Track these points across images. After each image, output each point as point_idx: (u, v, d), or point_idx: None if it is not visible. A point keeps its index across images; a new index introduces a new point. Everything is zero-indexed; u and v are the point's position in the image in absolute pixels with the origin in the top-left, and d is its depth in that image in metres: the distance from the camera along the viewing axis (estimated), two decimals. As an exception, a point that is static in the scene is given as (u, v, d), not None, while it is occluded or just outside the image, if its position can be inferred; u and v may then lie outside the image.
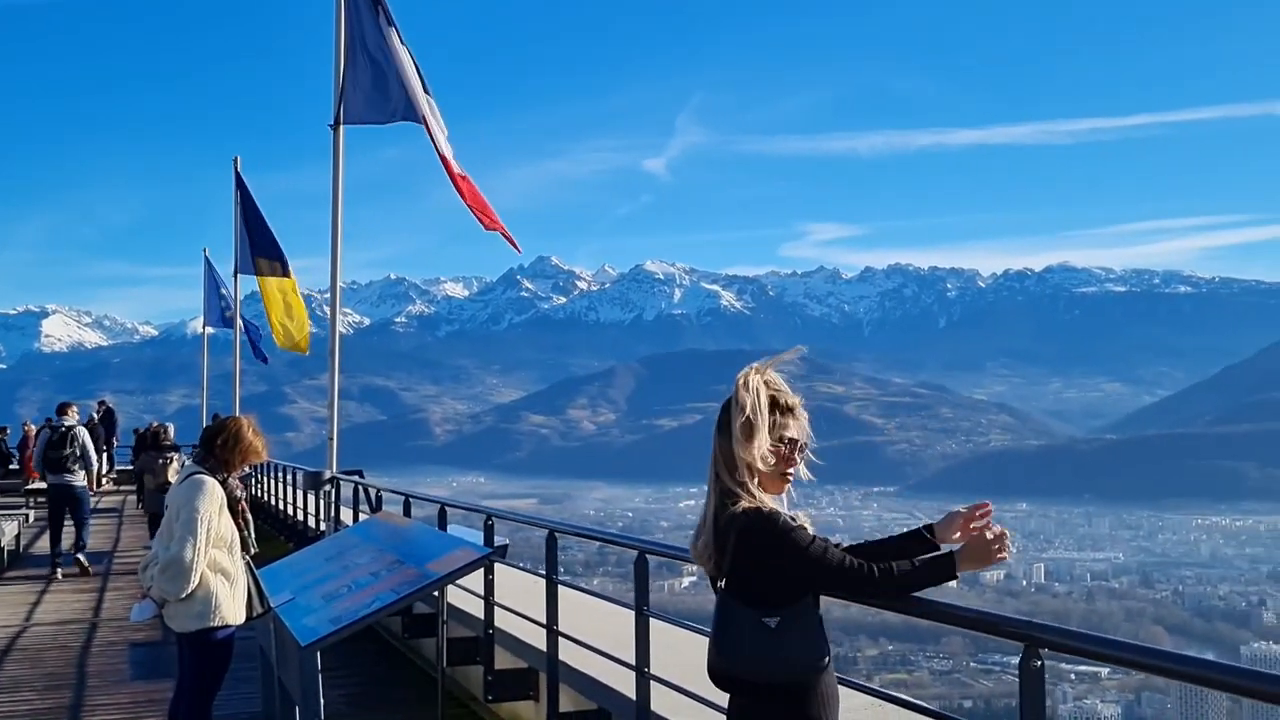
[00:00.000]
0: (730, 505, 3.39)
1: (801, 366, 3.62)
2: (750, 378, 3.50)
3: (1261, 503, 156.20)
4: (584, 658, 7.22)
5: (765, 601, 3.35)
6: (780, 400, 3.52)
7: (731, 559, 3.37)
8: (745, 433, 3.40)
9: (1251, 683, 2.71)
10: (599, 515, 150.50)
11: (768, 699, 3.36)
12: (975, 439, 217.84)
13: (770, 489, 3.46)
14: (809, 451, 3.55)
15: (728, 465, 3.42)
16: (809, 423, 3.57)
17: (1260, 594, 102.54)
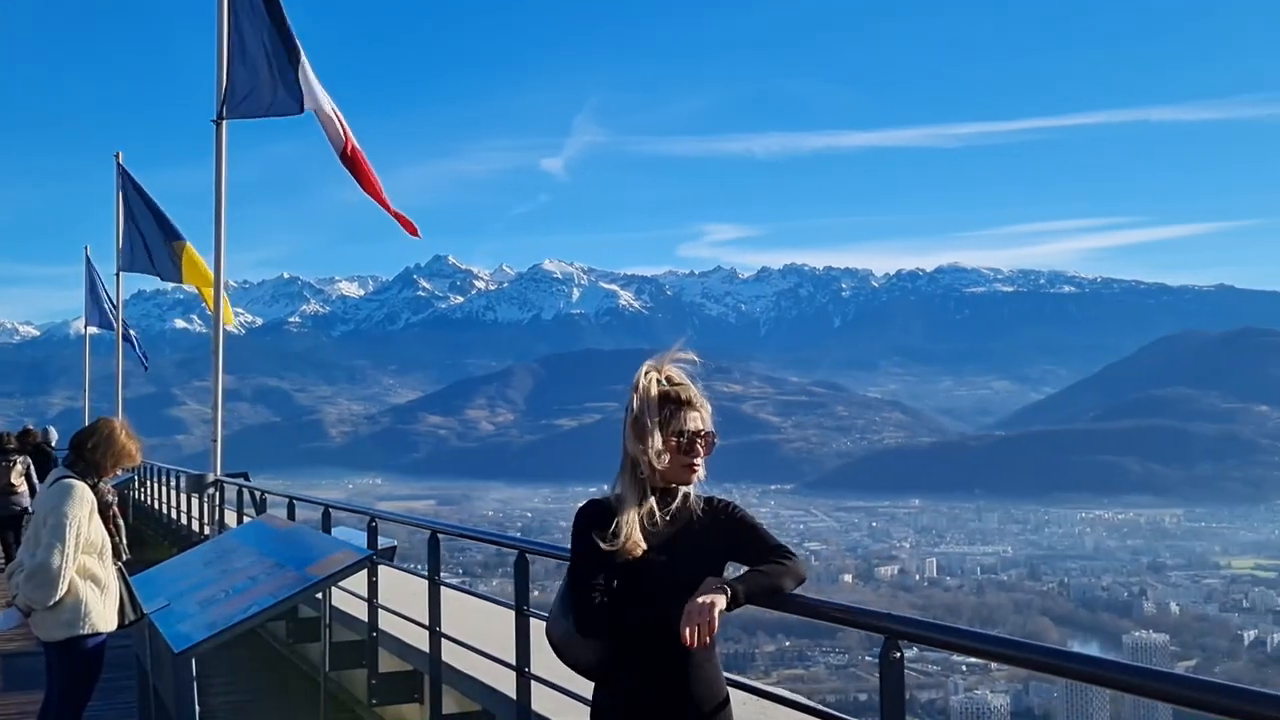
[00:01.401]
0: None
1: (699, 366, 3.69)
2: (642, 378, 3.60)
3: (1142, 496, 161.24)
4: (467, 659, 7.20)
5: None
6: (674, 395, 3.59)
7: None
8: (637, 432, 3.53)
9: (1083, 666, 2.84)
10: (498, 516, 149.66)
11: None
12: (870, 436, 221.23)
13: (678, 481, 3.57)
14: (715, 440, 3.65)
15: (629, 462, 3.58)
16: (712, 414, 3.65)
17: (1141, 584, 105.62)
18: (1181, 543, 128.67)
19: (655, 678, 3.59)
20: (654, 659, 3.60)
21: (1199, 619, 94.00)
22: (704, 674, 3.59)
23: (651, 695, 3.59)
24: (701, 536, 3.57)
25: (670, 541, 3.56)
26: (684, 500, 3.61)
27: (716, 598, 3.46)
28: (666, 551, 3.55)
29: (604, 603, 3.60)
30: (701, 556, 3.57)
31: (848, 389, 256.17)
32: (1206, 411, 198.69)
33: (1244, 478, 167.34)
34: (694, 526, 3.58)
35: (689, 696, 3.57)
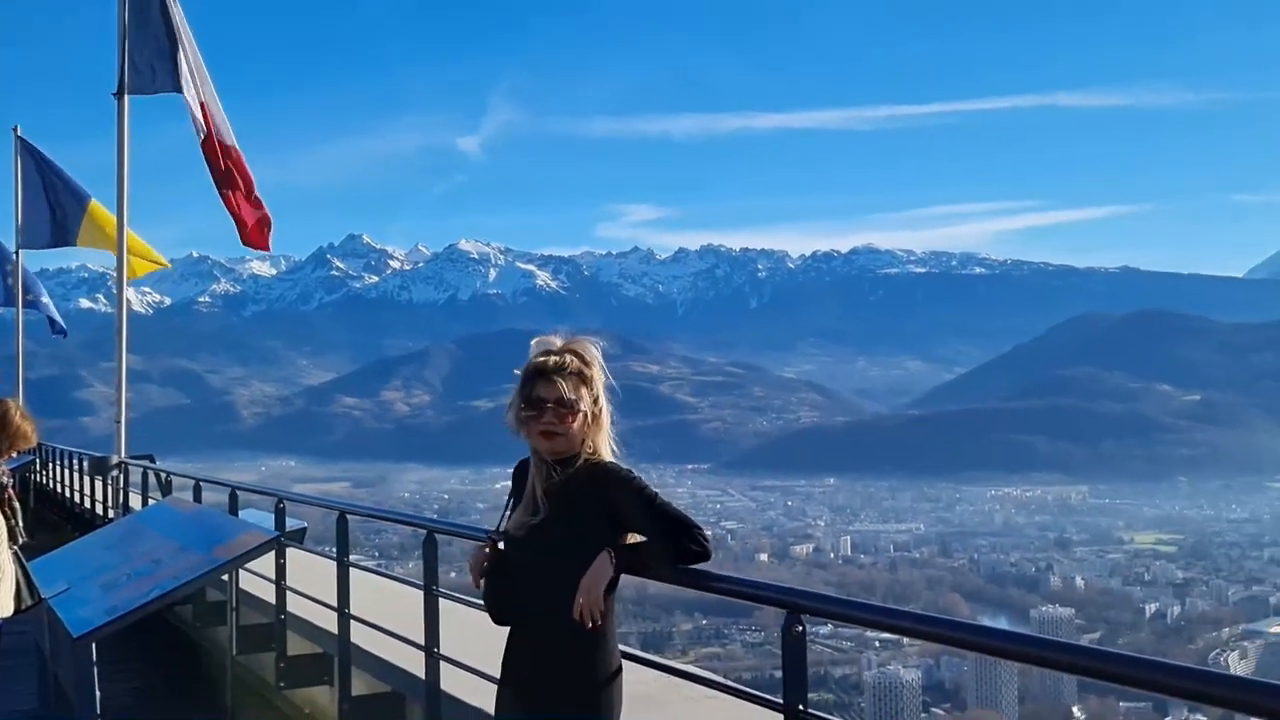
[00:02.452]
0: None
1: (616, 346, 3.77)
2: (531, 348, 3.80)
3: (1050, 474, 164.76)
4: (376, 640, 7.15)
5: None
6: (537, 365, 3.73)
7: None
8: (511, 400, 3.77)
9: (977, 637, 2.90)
10: (414, 498, 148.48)
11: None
12: (786, 416, 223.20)
13: (542, 449, 3.69)
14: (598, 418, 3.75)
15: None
16: (588, 380, 3.74)
17: (1048, 560, 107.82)
18: (1087, 519, 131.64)
19: (539, 655, 3.66)
20: (537, 637, 3.67)
21: (1103, 593, 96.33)
22: (588, 650, 3.63)
23: (535, 671, 3.67)
24: (588, 506, 3.64)
25: (556, 512, 3.64)
26: (575, 470, 3.67)
27: (604, 575, 3.55)
28: (552, 523, 3.64)
29: (489, 593, 3.75)
30: (587, 527, 3.64)
31: (764, 369, 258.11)
32: (1111, 391, 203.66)
33: (1147, 455, 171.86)
34: (581, 496, 3.65)
35: (569, 670, 3.63)
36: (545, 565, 3.65)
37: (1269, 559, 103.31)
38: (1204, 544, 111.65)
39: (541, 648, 3.66)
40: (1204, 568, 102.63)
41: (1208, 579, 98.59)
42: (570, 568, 3.61)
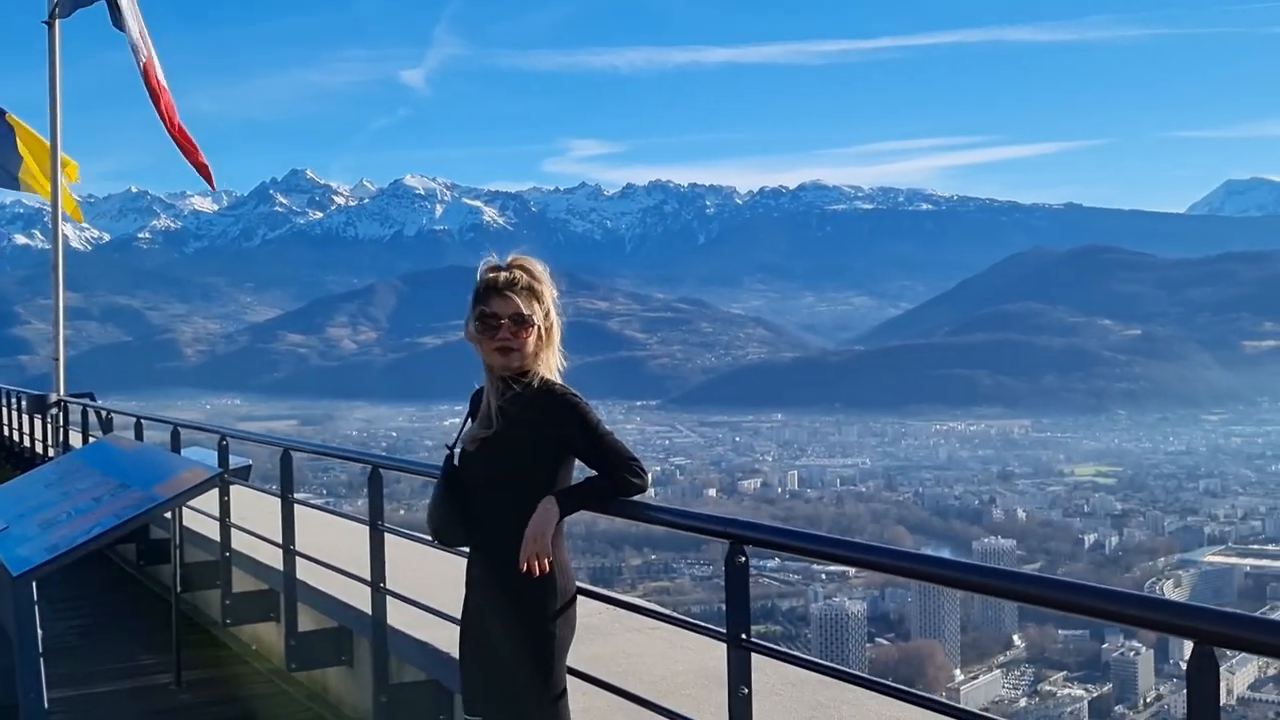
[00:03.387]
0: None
1: (564, 282, 3.81)
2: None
3: (992, 407, 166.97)
4: (322, 576, 7.14)
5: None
6: (490, 280, 3.80)
7: None
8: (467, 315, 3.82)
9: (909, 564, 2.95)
10: (362, 436, 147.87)
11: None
12: (734, 352, 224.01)
13: (497, 365, 3.75)
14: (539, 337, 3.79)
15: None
16: (540, 297, 3.80)
17: (990, 493, 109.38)
18: (1029, 452, 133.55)
19: (493, 576, 3.72)
20: (490, 556, 3.73)
21: (1044, 524, 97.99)
22: (540, 577, 3.69)
23: (488, 589, 3.73)
24: (538, 426, 3.68)
25: (506, 430, 3.68)
26: (527, 388, 3.69)
27: (550, 521, 3.61)
28: (502, 441, 3.68)
29: (434, 514, 3.80)
30: (536, 448, 3.68)
31: (712, 305, 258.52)
32: (1054, 325, 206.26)
33: (1087, 389, 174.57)
34: (533, 415, 3.68)
35: (521, 596, 3.68)
36: (494, 482, 3.72)
37: (1204, 490, 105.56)
38: (1141, 476, 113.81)
39: (495, 568, 3.73)
40: (1141, 499, 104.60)
41: (1145, 510, 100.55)
42: (519, 486, 3.69)
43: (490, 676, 3.81)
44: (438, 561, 6.58)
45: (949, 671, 67.53)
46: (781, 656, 3.71)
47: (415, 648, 6.00)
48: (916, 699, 3.16)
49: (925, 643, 70.17)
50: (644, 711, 4.27)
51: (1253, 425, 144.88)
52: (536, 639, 3.72)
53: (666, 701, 4.21)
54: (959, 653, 70.53)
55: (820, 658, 3.96)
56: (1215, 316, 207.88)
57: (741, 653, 3.57)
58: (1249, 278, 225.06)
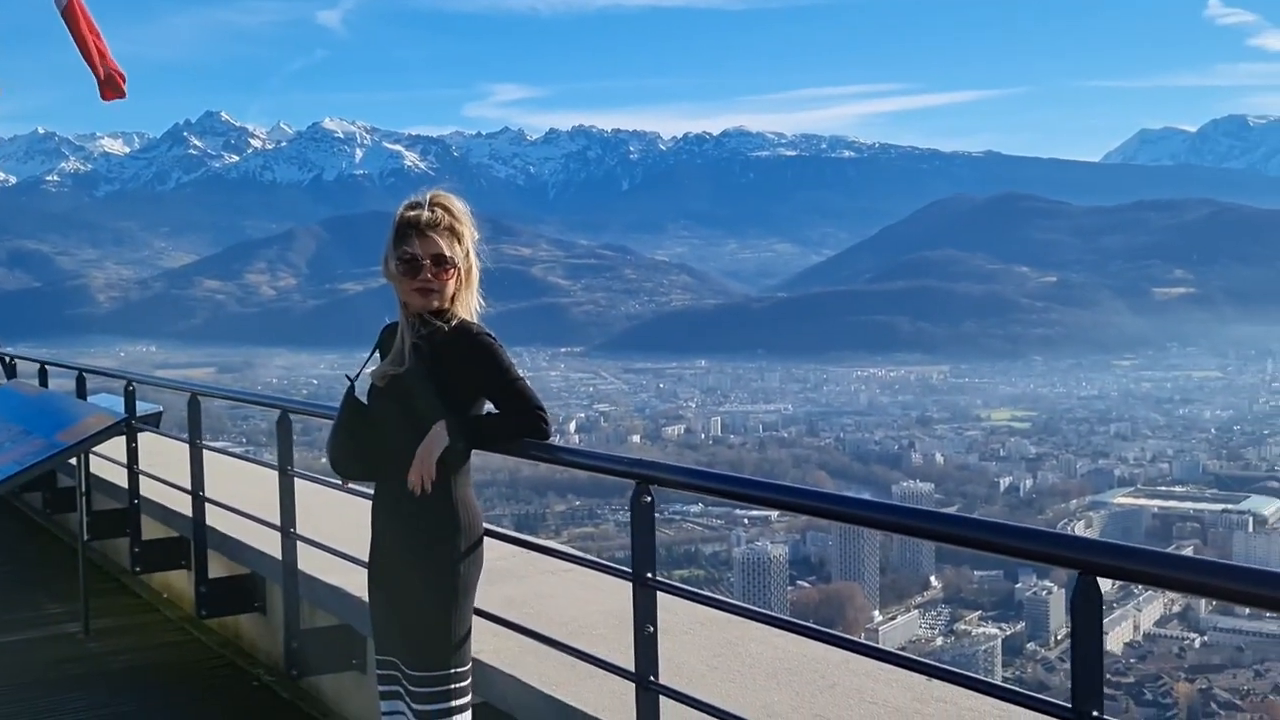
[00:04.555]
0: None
1: (487, 228, 3.78)
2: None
3: (912, 353, 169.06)
4: (233, 523, 7.07)
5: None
6: (410, 219, 3.75)
7: None
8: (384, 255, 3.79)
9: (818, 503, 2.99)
10: (282, 383, 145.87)
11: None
12: (658, 299, 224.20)
13: (416, 305, 3.73)
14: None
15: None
16: (457, 237, 3.77)
17: (910, 437, 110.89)
18: (947, 397, 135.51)
19: (395, 513, 3.72)
20: (394, 497, 3.72)
21: (961, 468, 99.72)
22: (440, 510, 3.68)
23: (393, 528, 3.73)
24: (451, 366, 3.66)
25: (418, 369, 3.65)
26: (442, 329, 3.67)
27: (439, 443, 3.59)
28: (414, 377, 3.65)
29: (334, 445, 3.78)
30: (446, 387, 3.66)
31: (636, 252, 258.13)
32: (972, 272, 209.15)
33: (1004, 335, 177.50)
34: (447, 355, 3.66)
35: (424, 531, 3.68)
36: (403, 421, 3.68)
37: (1114, 434, 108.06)
38: (1055, 420, 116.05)
39: (399, 507, 3.72)
40: (1055, 443, 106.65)
41: (1058, 454, 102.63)
42: (427, 426, 3.66)
43: (396, 616, 3.81)
44: (349, 506, 6.51)
45: (868, 613, 68.90)
46: (686, 595, 3.74)
47: (327, 592, 5.97)
48: (816, 633, 3.21)
49: (845, 585, 71.44)
50: (554, 651, 4.30)
51: (1162, 370, 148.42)
52: (440, 577, 3.72)
53: (577, 641, 4.24)
54: (878, 594, 71.93)
55: (742, 600, 4.01)
56: (1128, 264, 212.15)
57: (647, 591, 3.59)
58: (1160, 226, 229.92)
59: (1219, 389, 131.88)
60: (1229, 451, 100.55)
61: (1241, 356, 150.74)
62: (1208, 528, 79.79)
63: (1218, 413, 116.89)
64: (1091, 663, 2.37)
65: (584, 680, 4.30)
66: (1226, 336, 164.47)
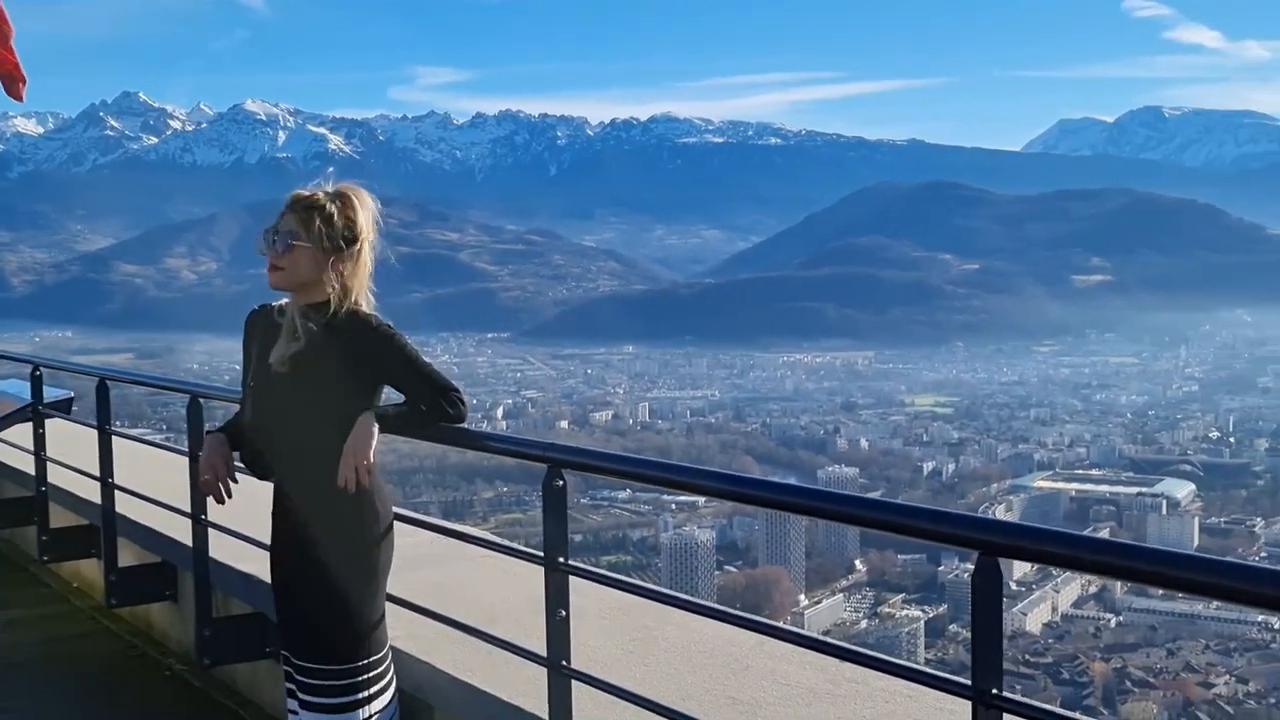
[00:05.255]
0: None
1: (413, 213, 3.71)
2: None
3: (837, 340, 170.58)
4: (144, 510, 6.94)
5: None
6: (288, 197, 3.81)
7: None
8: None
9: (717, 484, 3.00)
10: (204, 369, 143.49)
11: None
12: (586, 285, 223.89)
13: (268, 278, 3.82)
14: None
15: None
16: (308, 220, 3.70)
17: (835, 423, 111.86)
18: (872, 383, 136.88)
19: (301, 504, 3.65)
20: (299, 489, 3.65)
21: (885, 453, 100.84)
22: (350, 499, 3.63)
23: (299, 519, 3.65)
24: (350, 357, 3.58)
25: (316, 362, 3.57)
26: (333, 318, 3.60)
27: (370, 436, 3.53)
28: (311, 372, 3.57)
29: (245, 452, 3.70)
30: (346, 379, 3.60)
31: (564, 237, 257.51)
32: (898, 259, 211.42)
33: (928, 321, 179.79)
34: (342, 346, 3.58)
35: (334, 520, 3.62)
36: (303, 413, 3.60)
37: (1034, 419, 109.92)
38: (977, 405, 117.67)
39: (305, 498, 3.65)
40: (976, 428, 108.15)
41: (979, 438, 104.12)
42: (329, 417, 3.58)
43: (303, 606, 3.75)
44: (263, 492, 6.42)
45: (794, 597, 69.56)
46: (599, 579, 3.74)
47: (239, 580, 5.88)
48: (725, 616, 3.22)
49: (772, 569, 72.03)
50: (469, 637, 4.27)
51: (1080, 356, 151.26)
52: (352, 565, 3.68)
53: (493, 627, 4.22)
54: (804, 578, 72.62)
55: (669, 586, 4.02)
56: (1049, 252, 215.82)
57: (559, 576, 3.58)
58: (1080, 214, 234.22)
59: (1135, 375, 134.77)
60: (1144, 436, 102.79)
61: (1156, 343, 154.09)
62: (1123, 511, 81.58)
63: (1133, 398, 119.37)
64: (991, 641, 2.40)
65: (499, 666, 4.27)
66: (1142, 324, 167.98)
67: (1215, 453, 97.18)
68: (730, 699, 4.07)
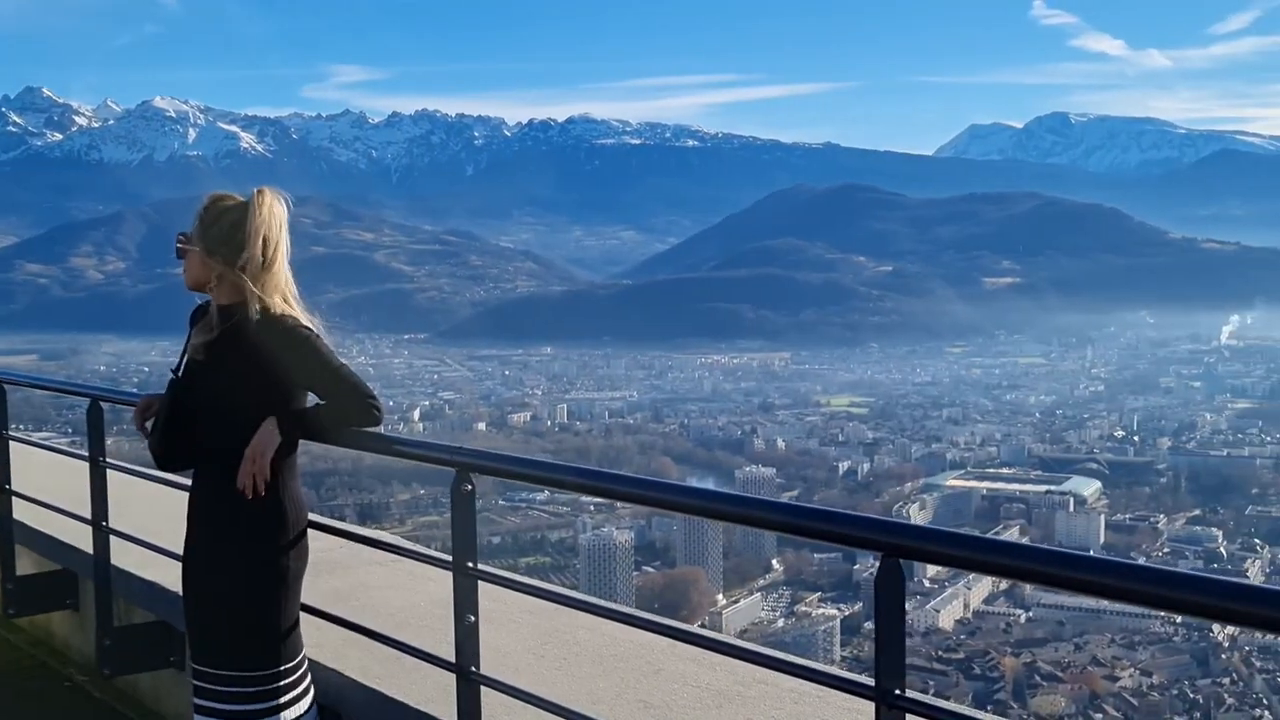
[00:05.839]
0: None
1: (328, 213, 3.69)
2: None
3: (754, 340, 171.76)
4: (43, 517, 6.75)
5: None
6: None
7: None
8: None
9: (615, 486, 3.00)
10: (111, 371, 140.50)
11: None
12: (503, 285, 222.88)
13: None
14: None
15: None
16: (199, 225, 3.75)
17: (752, 423, 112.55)
18: (788, 384, 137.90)
19: (216, 507, 3.61)
20: (214, 491, 3.61)
21: (801, 453, 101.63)
22: (264, 505, 3.59)
23: (213, 523, 3.61)
24: (266, 359, 3.56)
25: (234, 364, 3.56)
26: (249, 320, 3.57)
27: (271, 442, 3.49)
28: (227, 374, 3.56)
29: (155, 436, 3.67)
30: (261, 380, 3.58)
31: (481, 238, 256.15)
32: (813, 261, 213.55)
33: (843, 323, 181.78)
34: (257, 349, 3.55)
35: (246, 524, 3.58)
36: (221, 414, 3.58)
37: (946, 418, 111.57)
38: (891, 406, 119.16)
39: (220, 501, 3.61)
40: (890, 428, 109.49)
41: (894, 438, 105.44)
42: (247, 419, 3.56)
43: (213, 613, 3.69)
44: (166, 498, 6.29)
45: (712, 596, 69.89)
46: (507, 584, 3.71)
47: (142, 588, 5.75)
48: (639, 621, 3.22)
49: (690, 569, 72.29)
50: (377, 644, 4.22)
51: (990, 357, 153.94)
52: (264, 571, 3.63)
53: (403, 632, 4.18)
54: (721, 578, 72.97)
55: (587, 587, 4.00)
56: (959, 254, 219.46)
57: (467, 580, 3.55)
58: (990, 218, 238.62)
59: (1043, 375, 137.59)
60: (1052, 435, 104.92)
61: (1064, 344, 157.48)
62: (1032, 508, 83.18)
63: (1042, 398, 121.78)
64: (895, 642, 2.43)
65: (408, 672, 4.23)
66: (1050, 325, 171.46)
67: (1120, 451, 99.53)
68: (642, 702, 4.07)
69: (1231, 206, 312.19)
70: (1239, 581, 2.16)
